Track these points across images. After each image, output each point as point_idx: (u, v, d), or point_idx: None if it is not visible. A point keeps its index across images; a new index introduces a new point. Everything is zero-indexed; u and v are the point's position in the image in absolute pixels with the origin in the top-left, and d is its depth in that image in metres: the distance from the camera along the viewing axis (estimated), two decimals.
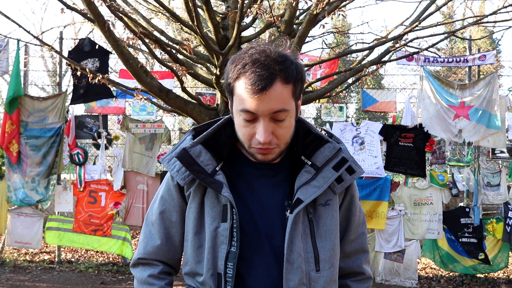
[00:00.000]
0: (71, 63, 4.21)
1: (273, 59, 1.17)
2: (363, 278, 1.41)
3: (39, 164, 5.91)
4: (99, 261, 6.39)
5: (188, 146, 1.28)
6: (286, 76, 1.18)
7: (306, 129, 1.34)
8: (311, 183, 1.26)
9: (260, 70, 1.15)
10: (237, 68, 1.19)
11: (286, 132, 1.23)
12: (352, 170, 1.31)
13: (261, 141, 1.19)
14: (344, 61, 7.15)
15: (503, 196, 5.72)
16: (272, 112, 1.18)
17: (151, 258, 1.35)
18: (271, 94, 1.16)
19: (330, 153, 1.29)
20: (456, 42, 14.95)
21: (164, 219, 1.34)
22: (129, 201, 5.92)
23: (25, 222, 5.96)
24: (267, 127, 1.19)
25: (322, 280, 1.25)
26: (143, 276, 1.34)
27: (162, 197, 1.36)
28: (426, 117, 5.65)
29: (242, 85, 1.18)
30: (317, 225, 1.27)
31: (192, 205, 1.30)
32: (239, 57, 1.21)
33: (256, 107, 1.17)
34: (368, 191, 5.57)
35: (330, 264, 1.27)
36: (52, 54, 13.71)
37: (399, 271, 5.59)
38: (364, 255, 1.41)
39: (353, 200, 1.38)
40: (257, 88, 1.15)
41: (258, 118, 1.19)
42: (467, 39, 6.53)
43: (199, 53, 4.68)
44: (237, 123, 1.26)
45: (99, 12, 3.31)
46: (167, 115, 4.91)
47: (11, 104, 5.85)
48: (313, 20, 3.52)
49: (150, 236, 1.36)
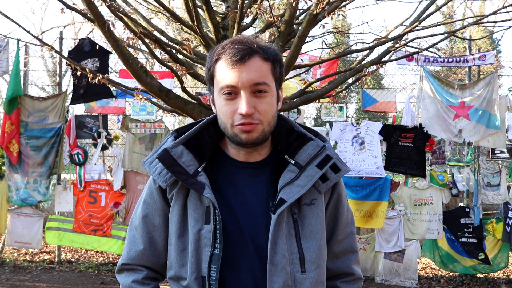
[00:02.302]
0: (71, 63, 4.21)
1: (251, 40, 1.22)
2: (353, 279, 1.38)
3: (40, 164, 5.91)
4: (99, 261, 6.39)
5: (170, 147, 1.25)
6: (265, 53, 1.20)
7: (289, 128, 1.32)
8: (294, 183, 1.23)
9: (239, 45, 1.19)
10: (217, 51, 1.22)
11: (268, 109, 1.22)
12: (337, 169, 1.28)
13: (243, 112, 1.17)
14: (344, 61, 7.15)
15: (503, 196, 5.73)
16: (253, 83, 1.18)
17: (135, 264, 1.32)
18: (250, 65, 1.18)
19: (314, 151, 1.27)
20: (456, 42, 14.95)
21: (147, 223, 1.31)
22: (129, 201, 5.92)
23: (25, 222, 5.96)
24: (249, 99, 1.19)
25: (308, 282, 1.22)
26: (127, 282, 1.31)
27: (144, 201, 1.33)
28: (426, 117, 5.66)
29: (222, 63, 1.20)
30: (302, 225, 1.25)
31: (175, 207, 1.27)
32: (218, 45, 1.25)
33: (236, 78, 1.18)
34: (368, 191, 5.57)
35: (316, 265, 1.24)
36: (52, 54, 13.72)
37: (399, 271, 5.60)
38: (353, 255, 1.38)
39: (340, 199, 1.35)
40: (236, 59, 1.17)
41: (239, 92, 1.19)
42: (467, 39, 6.53)
43: (199, 53, 4.67)
44: (219, 107, 1.24)
45: (99, 12, 3.30)
46: (167, 115, 4.90)
47: (10, 104, 5.85)
48: (313, 20, 3.51)
49: (134, 241, 1.33)
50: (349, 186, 5.62)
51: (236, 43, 1.20)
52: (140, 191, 5.88)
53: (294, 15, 3.81)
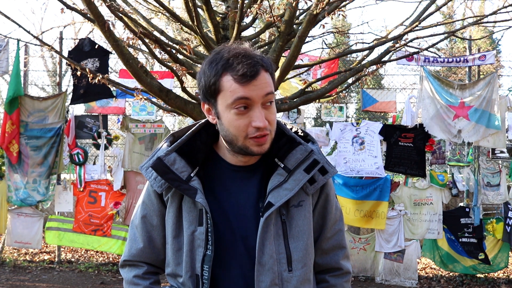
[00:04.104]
0: (71, 63, 4.21)
1: (250, 52, 1.25)
2: (341, 273, 1.43)
3: (40, 164, 5.91)
4: (99, 261, 6.39)
5: (163, 155, 1.31)
6: (266, 65, 1.25)
7: (279, 131, 1.36)
8: (282, 186, 1.29)
9: (246, 60, 1.21)
10: (221, 65, 1.23)
11: (275, 118, 1.29)
12: (325, 171, 1.34)
13: (261, 126, 1.22)
14: (344, 61, 7.15)
15: (503, 196, 5.73)
16: (265, 95, 1.23)
17: (136, 260, 1.42)
18: (261, 80, 1.22)
19: (302, 155, 1.32)
20: (456, 42, 14.95)
21: (146, 223, 1.39)
22: (129, 201, 5.92)
23: (25, 222, 5.96)
24: (262, 112, 1.23)
25: (295, 280, 1.28)
26: (129, 277, 1.42)
27: (143, 202, 1.41)
28: (426, 117, 5.66)
29: (230, 78, 1.21)
30: (290, 226, 1.30)
31: (171, 210, 1.34)
32: (216, 57, 1.25)
33: (250, 92, 1.21)
34: (368, 191, 5.57)
35: (302, 263, 1.30)
36: (52, 54, 13.72)
37: (399, 271, 5.60)
38: (342, 251, 1.44)
39: (329, 198, 1.40)
40: (250, 75, 1.20)
41: (252, 106, 1.23)
42: (467, 39, 6.53)
43: (199, 53, 4.67)
44: (228, 120, 1.25)
45: (99, 12, 3.31)
46: (167, 115, 4.90)
47: (11, 104, 5.85)
48: (313, 20, 3.52)
49: (134, 239, 1.42)
50: (349, 186, 5.62)
51: (242, 57, 1.22)
52: (140, 191, 5.87)
53: (294, 15, 3.81)
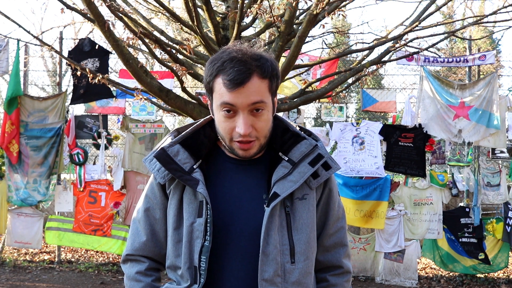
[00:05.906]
0: (71, 63, 4.21)
1: (250, 56, 1.24)
2: (342, 272, 1.43)
3: (40, 164, 5.91)
4: (99, 261, 6.39)
5: (167, 146, 1.34)
6: (262, 71, 1.24)
7: (284, 127, 1.39)
8: (287, 178, 1.30)
9: (238, 66, 1.22)
10: (216, 66, 1.25)
11: (264, 126, 1.29)
12: (328, 166, 1.35)
13: (242, 133, 1.24)
14: (344, 61, 7.15)
15: (503, 196, 5.73)
16: (251, 103, 1.23)
17: (139, 254, 1.41)
18: (249, 87, 1.22)
19: (307, 149, 1.34)
20: (456, 42, 14.94)
21: (149, 216, 1.40)
22: (129, 201, 5.92)
23: (25, 222, 5.96)
24: (247, 119, 1.25)
25: (297, 272, 1.28)
26: (131, 273, 1.40)
27: (146, 195, 1.42)
28: (426, 117, 5.66)
29: (221, 81, 1.24)
30: (294, 218, 1.31)
31: (172, 201, 1.35)
32: (218, 56, 1.27)
33: (235, 99, 1.23)
34: (368, 191, 5.57)
35: (305, 256, 1.30)
36: (52, 54, 13.71)
37: (399, 271, 5.60)
38: (343, 249, 1.43)
39: (331, 194, 1.41)
40: (236, 82, 1.21)
41: (238, 111, 1.25)
42: (467, 39, 6.52)
43: (199, 53, 4.67)
44: (217, 119, 1.31)
45: (99, 12, 3.31)
46: (167, 115, 4.90)
47: (10, 104, 5.85)
48: (313, 20, 3.52)
49: (137, 232, 1.42)
50: (349, 186, 5.62)
51: (235, 62, 1.23)
52: (140, 191, 5.87)
53: (294, 15, 3.81)
